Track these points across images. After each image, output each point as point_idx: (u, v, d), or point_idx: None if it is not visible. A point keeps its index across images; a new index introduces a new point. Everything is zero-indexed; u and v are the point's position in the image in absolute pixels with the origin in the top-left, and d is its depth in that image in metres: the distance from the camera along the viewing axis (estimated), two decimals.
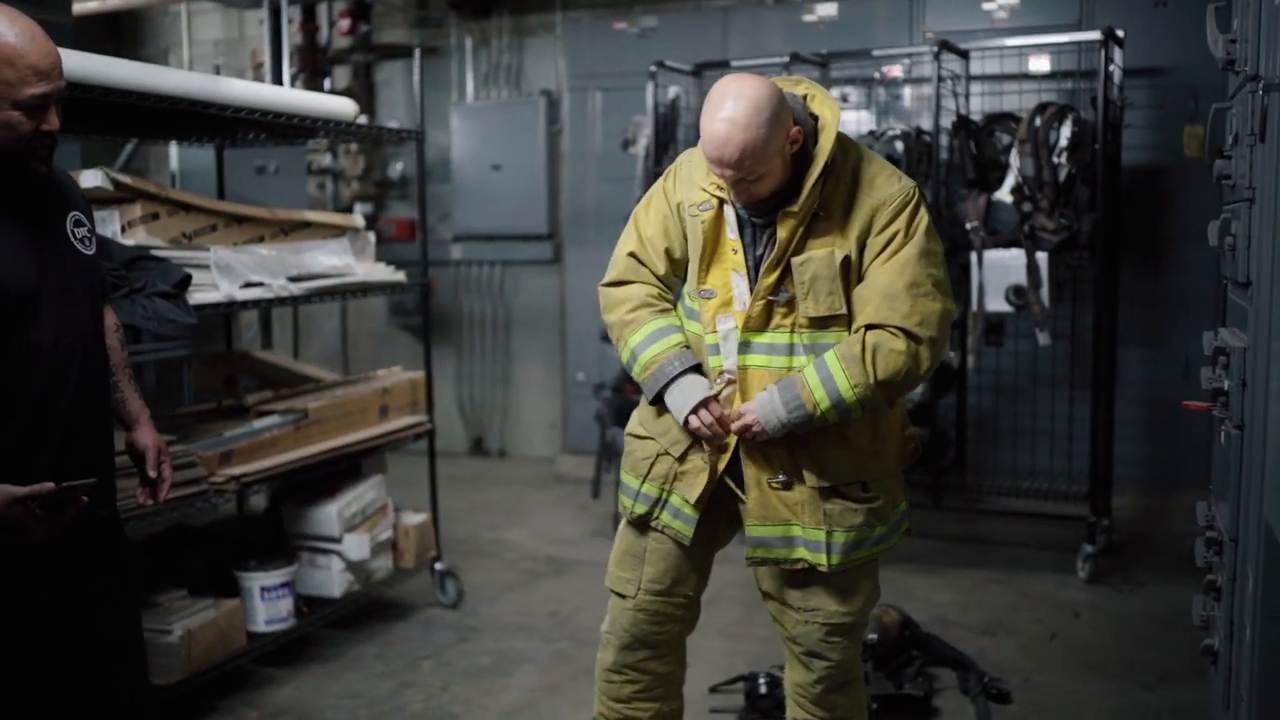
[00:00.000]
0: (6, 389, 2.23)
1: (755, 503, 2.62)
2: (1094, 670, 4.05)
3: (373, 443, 4.39)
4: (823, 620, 2.67)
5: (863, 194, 2.54)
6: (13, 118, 2.18)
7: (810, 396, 2.48)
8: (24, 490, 2.10)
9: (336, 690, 3.96)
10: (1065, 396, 5.55)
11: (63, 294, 2.33)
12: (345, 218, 4.55)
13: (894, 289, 2.48)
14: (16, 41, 2.16)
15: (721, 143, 2.41)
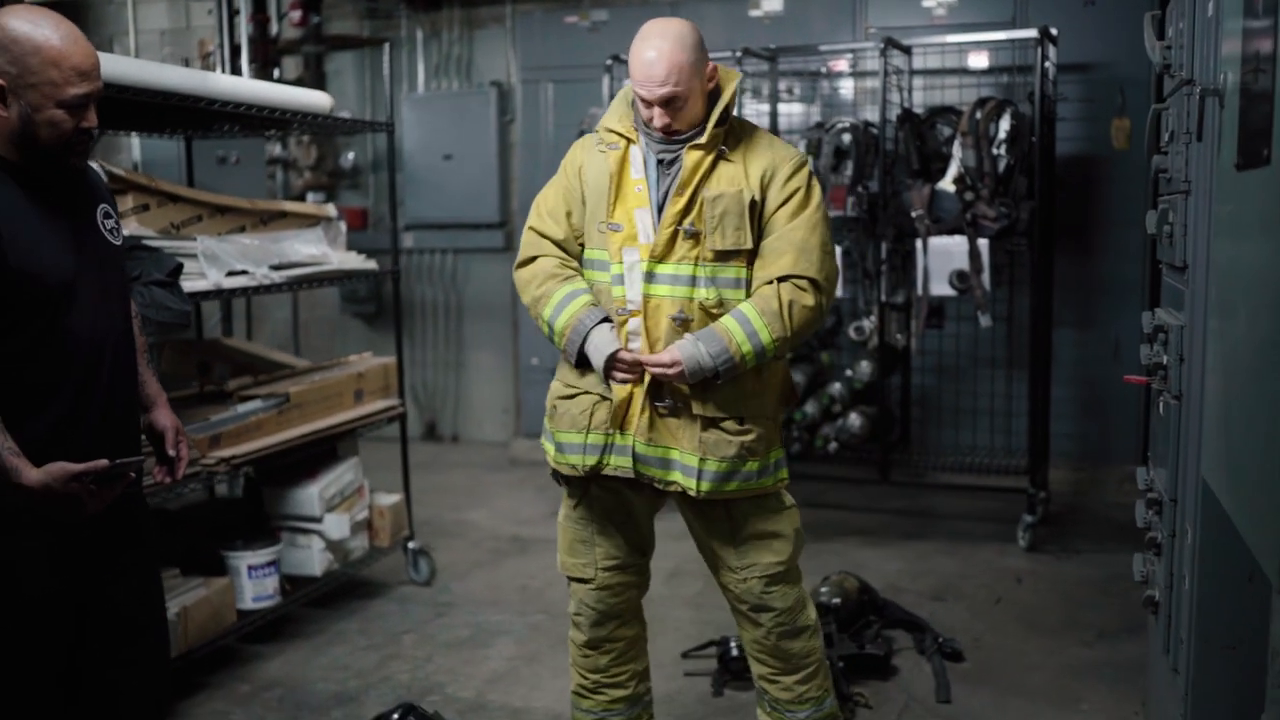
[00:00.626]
0: (49, 373, 2.37)
1: (642, 421, 2.81)
2: (1037, 630, 4.33)
3: (349, 425, 4.54)
4: (759, 574, 2.91)
5: (762, 149, 2.82)
6: (56, 116, 2.32)
7: (736, 346, 2.72)
8: (80, 467, 2.25)
9: (323, 663, 4.11)
10: (1004, 376, 5.85)
11: (96, 283, 2.47)
12: (320, 208, 4.69)
13: (809, 244, 2.77)
14: (61, 45, 2.30)
15: (652, 62, 2.69)
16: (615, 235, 2.81)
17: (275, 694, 3.86)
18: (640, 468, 2.85)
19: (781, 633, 2.97)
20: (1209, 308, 2.48)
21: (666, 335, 2.78)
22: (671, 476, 2.84)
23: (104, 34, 8.64)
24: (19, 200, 2.35)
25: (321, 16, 7.80)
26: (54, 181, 2.41)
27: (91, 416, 2.43)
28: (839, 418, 5.58)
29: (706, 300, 2.78)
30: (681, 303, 2.78)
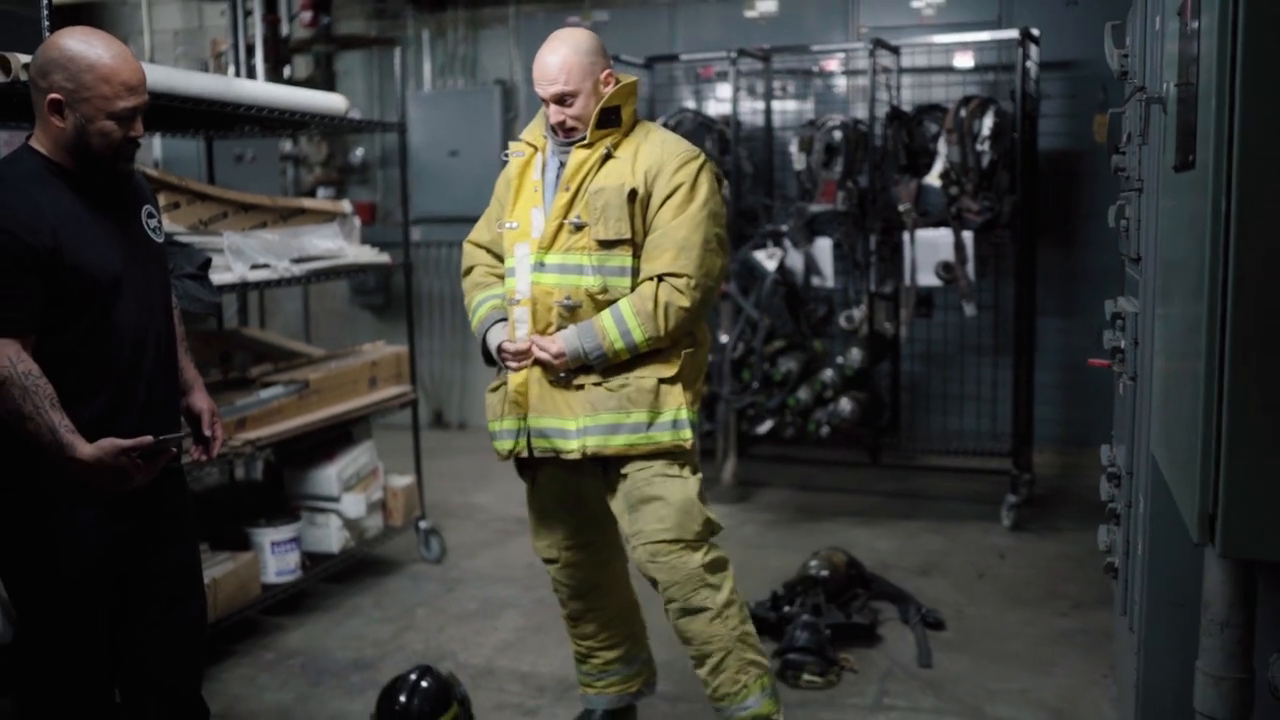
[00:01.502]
0: (100, 360, 2.61)
1: (535, 397, 3.04)
2: (1017, 602, 4.58)
3: (364, 410, 4.79)
4: (644, 540, 3.02)
5: (653, 147, 3.01)
6: (107, 126, 2.56)
7: (610, 343, 2.94)
8: (128, 442, 2.49)
9: (342, 634, 4.37)
10: (990, 363, 6.09)
11: (141, 277, 2.72)
12: (336, 204, 4.93)
13: (690, 242, 2.94)
14: (112, 62, 2.54)
15: (544, 64, 2.95)
16: (510, 233, 3.08)
17: (298, 661, 4.11)
18: (539, 441, 3.05)
19: (676, 610, 3.04)
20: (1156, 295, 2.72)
21: (556, 320, 3.01)
22: (569, 446, 3.02)
23: (119, 34, 8.83)
24: (72, 203, 2.59)
25: (331, 17, 8.04)
26: (103, 185, 2.65)
27: (137, 400, 2.67)
28: (830, 403, 5.82)
29: (592, 288, 2.98)
30: (569, 290, 2.99)
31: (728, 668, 3.05)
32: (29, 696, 2.75)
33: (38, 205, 2.52)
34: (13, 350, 2.41)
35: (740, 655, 3.06)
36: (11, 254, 2.42)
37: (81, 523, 2.62)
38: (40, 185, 2.57)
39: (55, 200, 2.56)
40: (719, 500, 6.04)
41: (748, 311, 5.72)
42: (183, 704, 2.96)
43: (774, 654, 3.94)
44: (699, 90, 6.72)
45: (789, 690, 3.77)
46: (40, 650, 2.69)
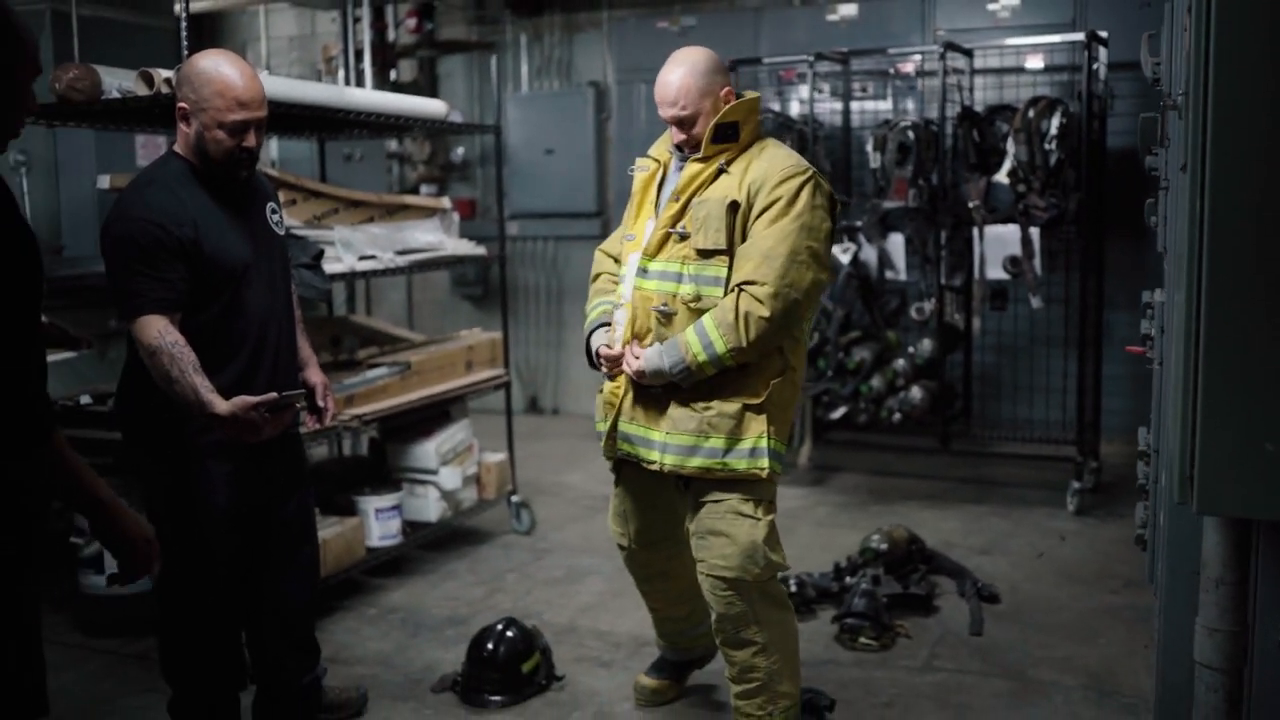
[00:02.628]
0: (232, 335, 3.04)
1: (628, 403, 3.18)
2: (1071, 580, 4.81)
3: (461, 391, 5.19)
4: (706, 570, 3.12)
5: (762, 162, 3.07)
6: (219, 135, 2.97)
7: (691, 355, 2.99)
8: (256, 399, 2.89)
9: (438, 595, 4.77)
10: (1059, 354, 6.28)
11: (266, 264, 3.14)
12: (437, 201, 5.34)
13: (775, 252, 2.96)
14: (228, 79, 2.95)
15: (663, 85, 3.07)
16: (628, 244, 3.24)
17: (398, 616, 4.53)
18: (624, 445, 3.21)
19: (724, 636, 3.17)
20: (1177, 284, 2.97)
21: (654, 325, 3.12)
22: (651, 455, 3.14)
23: (238, 40, 9.45)
24: (208, 200, 3.02)
25: (434, 23, 8.50)
26: (230, 185, 3.07)
27: (263, 370, 3.10)
28: (902, 391, 6.08)
29: (686, 295, 3.07)
30: (666, 296, 3.10)
31: (759, 696, 3.18)
32: (170, 632, 3.19)
33: (182, 202, 2.95)
34: (162, 324, 2.84)
35: (774, 688, 3.17)
36: (163, 244, 2.85)
37: (217, 476, 3.06)
38: (183, 185, 3.00)
39: (195, 197, 2.99)
40: (795, 483, 6.34)
41: (823, 302, 6.01)
42: (298, 639, 3.40)
43: (833, 619, 4.25)
44: (781, 92, 7.01)
45: (845, 651, 4.08)
46: (180, 588, 3.13)
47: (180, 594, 3.13)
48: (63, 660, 4.05)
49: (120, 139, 5.88)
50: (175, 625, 3.18)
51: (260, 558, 3.29)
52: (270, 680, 3.43)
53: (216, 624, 3.18)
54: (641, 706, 3.68)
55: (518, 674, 3.74)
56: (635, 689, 3.72)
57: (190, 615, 3.15)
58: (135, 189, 2.98)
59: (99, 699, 3.80)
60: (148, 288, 2.85)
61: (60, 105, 3.96)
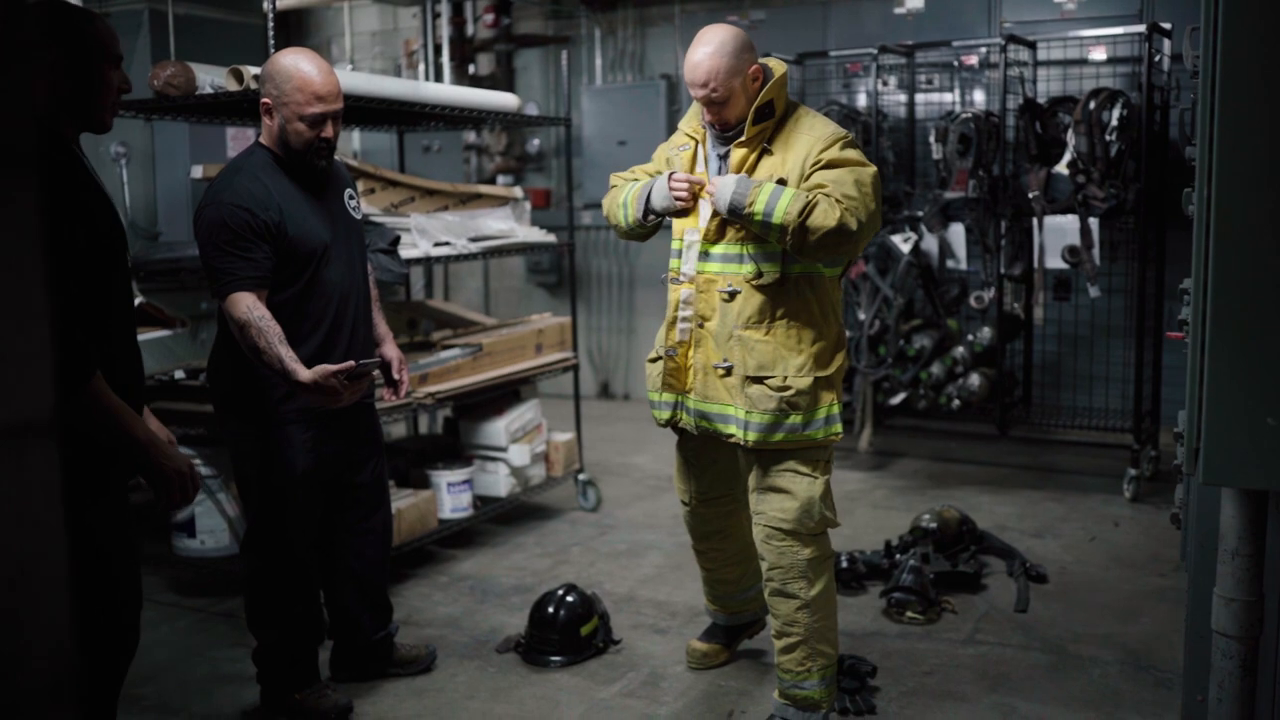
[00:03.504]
0: (313, 311, 3.30)
1: (699, 383, 3.31)
2: (1120, 563, 4.91)
3: (530, 372, 5.42)
4: (763, 522, 3.29)
5: (802, 134, 3.17)
6: (299, 127, 3.23)
7: (752, 204, 3.04)
8: (336, 366, 3.15)
9: (505, 565, 5.01)
10: (1120, 343, 6.35)
11: (344, 245, 3.39)
12: (508, 190, 5.58)
13: (843, 180, 3.04)
14: (307, 75, 3.21)
15: (694, 65, 3.12)
16: (685, 220, 3.32)
17: (467, 584, 4.78)
18: (701, 423, 3.35)
19: (773, 588, 3.32)
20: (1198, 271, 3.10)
21: (718, 305, 3.24)
22: (729, 430, 3.28)
23: (323, 36, 9.80)
24: (290, 187, 3.28)
25: (511, 18, 8.75)
26: (310, 173, 3.32)
27: (341, 343, 3.36)
28: (961, 378, 6.20)
29: (749, 274, 3.19)
30: (731, 278, 3.23)
31: (799, 650, 3.32)
32: (255, 586, 3.47)
33: (267, 189, 3.21)
34: (251, 300, 3.11)
35: (813, 645, 3.31)
36: (251, 227, 3.12)
37: (299, 443, 3.32)
38: (267, 173, 3.26)
39: (279, 184, 3.25)
40: (855, 467, 6.50)
41: (884, 291, 6.15)
42: (372, 597, 3.67)
43: (881, 593, 4.41)
44: (848, 84, 7.14)
45: (891, 624, 4.24)
46: (265, 546, 3.40)
47: (265, 551, 3.41)
48: (158, 617, 4.36)
49: (212, 131, 6.21)
50: (260, 580, 3.46)
51: (338, 521, 3.57)
52: (346, 635, 3.71)
53: (297, 580, 3.45)
54: (693, 669, 3.88)
55: (576, 636, 3.96)
56: (687, 652, 3.92)
57: (273, 571, 3.43)
58: (225, 177, 3.25)
59: (190, 651, 4.10)
60: (237, 267, 3.12)
61: (158, 100, 4.26)
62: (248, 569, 3.48)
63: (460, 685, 3.79)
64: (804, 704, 3.35)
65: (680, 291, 3.33)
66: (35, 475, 0.96)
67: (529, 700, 3.69)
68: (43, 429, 0.96)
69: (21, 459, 0.94)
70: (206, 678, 3.89)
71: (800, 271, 3.19)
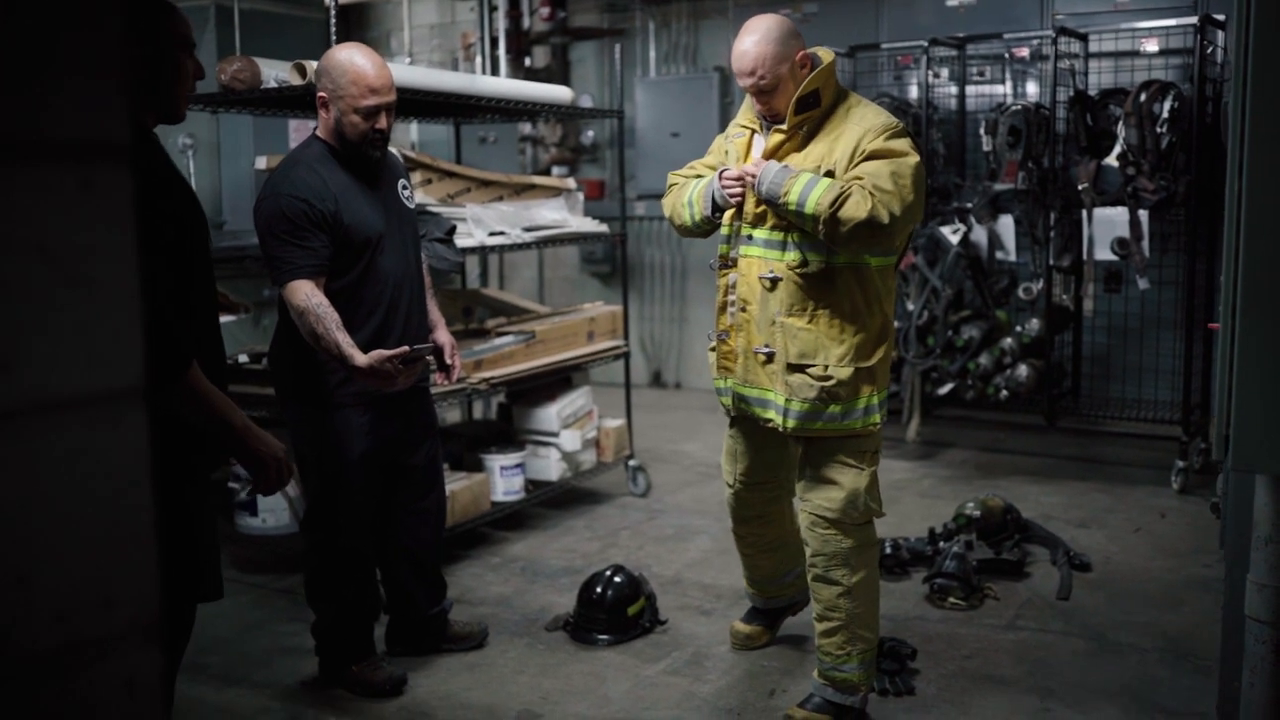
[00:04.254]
0: (367, 298, 3.42)
1: (741, 368, 3.37)
2: (1165, 553, 4.94)
3: (582, 359, 5.54)
4: (809, 510, 3.36)
5: (852, 124, 3.17)
6: (355, 119, 3.35)
7: (786, 192, 3.08)
8: (391, 352, 3.27)
9: (556, 548, 5.14)
10: (1170, 335, 6.35)
11: (398, 234, 3.51)
12: (562, 181, 5.70)
13: (880, 173, 3.04)
14: (362, 69, 3.33)
15: (740, 55, 3.15)
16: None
17: (518, 565, 4.91)
18: (742, 406, 3.42)
19: (815, 574, 3.39)
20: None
21: (759, 290, 3.28)
22: (768, 414, 3.35)
23: (383, 29, 9.97)
24: (346, 178, 3.40)
25: (566, 11, 8.87)
26: (364, 164, 3.45)
27: (395, 329, 3.48)
28: (1009, 369, 6.24)
29: (792, 261, 3.21)
30: (771, 263, 3.25)
31: (839, 634, 3.37)
32: (314, 563, 3.61)
33: (323, 180, 3.33)
34: (309, 288, 3.24)
35: (854, 629, 3.36)
36: (309, 216, 3.25)
37: (356, 425, 3.46)
38: (324, 164, 3.38)
39: (335, 175, 3.37)
40: (903, 456, 6.56)
41: (933, 282, 6.20)
42: (427, 575, 3.80)
43: (924, 579, 4.47)
44: (900, 76, 7.17)
45: (934, 609, 4.31)
46: (324, 524, 3.54)
47: (323, 530, 3.55)
48: None
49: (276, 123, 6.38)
50: (318, 558, 3.60)
51: (393, 501, 3.70)
52: (402, 611, 3.85)
53: (353, 558, 3.59)
54: (736, 650, 3.98)
55: (623, 616, 4.07)
56: (731, 633, 4.02)
57: (331, 549, 3.57)
58: (283, 169, 3.38)
59: (251, 625, 4.26)
60: (296, 256, 3.25)
61: (225, 94, 4.41)
62: (307, 546, 3.62)
63: (510, 661, 3.92)
64: (843, 686, 3.41)
65: (729, 276, 3.39)
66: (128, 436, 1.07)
67: (576, 676, 3.81)
68: (134, 395, 1.08)
69: (116, 421, 1.06)
70: (267, 650, 4.05)
71: (845, 262, 3.19)
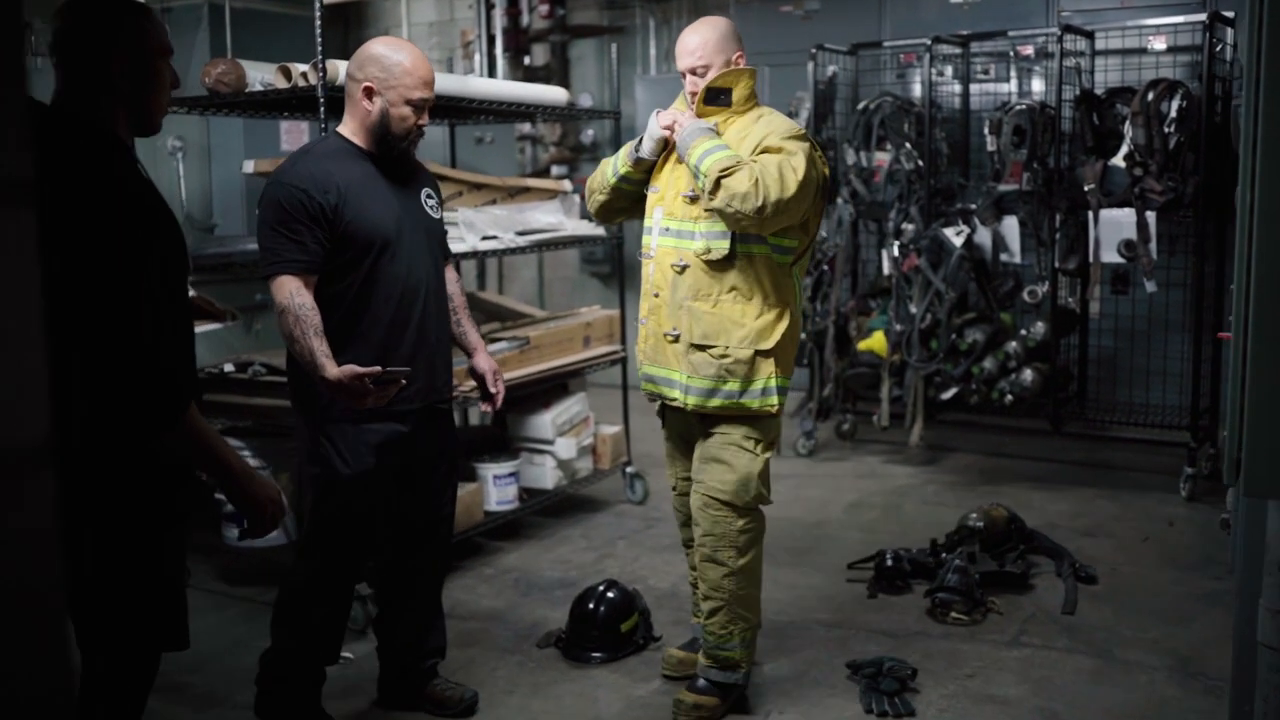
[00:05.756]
0: (372, 307, 3.24)
1: (651, 349, 3.47)
2: (1173, 565, 4.83)
3: (578, 365, 5.44)
4: (701, 490, 3.43)
5: (760, 126, 3.32)
6: (405, 112, 3.23)
7: (697, 147, 3.22)
8: (364, 370, 3.06)
9: (551, 558, 5.04)
10: (1178, 339, 6.24)
11: (413, 242, 3.32)
12: (557, 183, 5.59)
13: (769, 163, 3.16)
14: (414, 61, 3.23)
15: (685, 39, 3.38)
16: (652, 196, 3.50)
17: (512, 576, 4.81)
18: (651, 387, 3.52)
19: (703, 554, 3.47)
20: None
21: (670, 277, 3.38)
22: (673, 394, 3.44)
23: (380, 27, 9.87)
24: (361, 174, 3.24)
25: (566, 9, 8.76)
26: (392, 162, 3.32)
27: (405, 345, 3.29)
28: (1014, 373, 6.12)
29: (698, 250, 3.32)
30: (681, 253, 3.36)
31: (721, 614, 3.46)
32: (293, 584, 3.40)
33: (329, 172, 3.17)
34: (294, 285, 3.08)
35: (735, 609, 3.46)
36: (304, 207, 3.10)
37: (361, 442, 3.26)
38: (336, 158, 3.23)
39: (346, 170, 3.21)
40: (906, 461, 6.45)
41: (936, 285, 6.09)
42: (428, 605, 3.62)
43: (925, 593, 4.37)
44: (903, 74, 7.06)
45: (936, 624, 4.21)
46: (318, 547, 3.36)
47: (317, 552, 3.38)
48: (206, 604, 4.44)
49: (266, 126, 6.28)
50: (302, 578, 3.42)
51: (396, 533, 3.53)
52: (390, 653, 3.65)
53: (337, 584, 3.41)
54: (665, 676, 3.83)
55: (617, 633, 3.97)
56: (663, 660, 3.88)
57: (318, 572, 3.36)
58: (291, 160, 3.25)
59: (237, 640, 4.16)
60: (285, 248, 3.09)
61: (210, 97, 4.31)
62: (294, 566, 3.46)
63: (500, 680, 3.82)
64: (726, 664, 3.52)
65: (649, 266, 3.49)
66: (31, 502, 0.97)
67: (567, 697, 3.70)
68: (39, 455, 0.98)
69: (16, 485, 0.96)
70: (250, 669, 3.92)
71: (747, 252, 3.31)
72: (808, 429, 6.73)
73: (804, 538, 5.23)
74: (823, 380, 6.72)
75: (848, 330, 6.68)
